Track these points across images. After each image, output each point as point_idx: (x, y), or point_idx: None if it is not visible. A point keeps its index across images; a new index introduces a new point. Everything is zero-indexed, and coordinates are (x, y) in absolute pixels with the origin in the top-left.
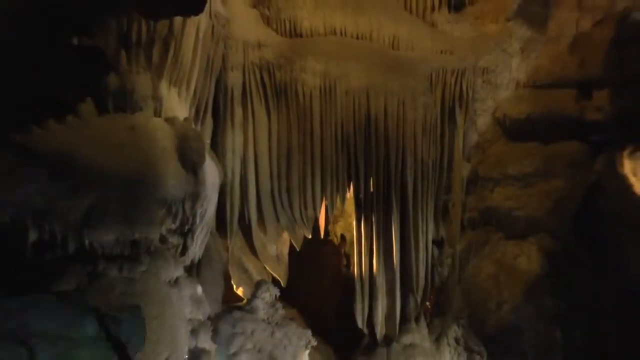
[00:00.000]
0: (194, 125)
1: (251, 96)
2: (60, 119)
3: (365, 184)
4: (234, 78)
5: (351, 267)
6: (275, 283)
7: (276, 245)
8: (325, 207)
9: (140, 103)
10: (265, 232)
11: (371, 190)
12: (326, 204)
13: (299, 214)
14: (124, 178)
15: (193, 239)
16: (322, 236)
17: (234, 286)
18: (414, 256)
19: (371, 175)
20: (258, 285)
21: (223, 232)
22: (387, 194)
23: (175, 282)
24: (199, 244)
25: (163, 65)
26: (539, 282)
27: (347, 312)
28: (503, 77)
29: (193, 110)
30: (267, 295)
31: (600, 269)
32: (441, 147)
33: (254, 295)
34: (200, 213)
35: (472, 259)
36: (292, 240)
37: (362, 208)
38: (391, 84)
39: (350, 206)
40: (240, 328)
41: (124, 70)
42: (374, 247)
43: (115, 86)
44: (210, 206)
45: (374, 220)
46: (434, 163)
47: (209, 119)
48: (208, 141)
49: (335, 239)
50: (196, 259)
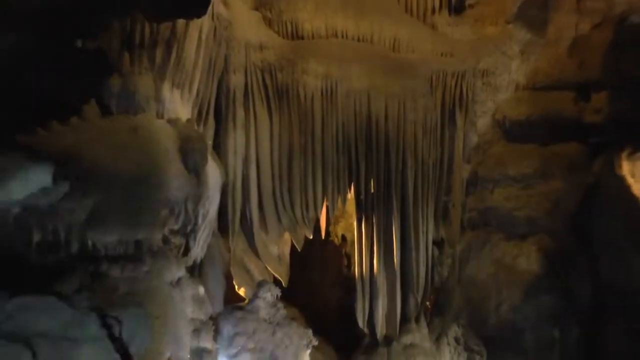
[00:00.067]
0: (196, 127)
1: (253, 97)
2: (64, 120)
3: (366, 185)
4: (236, 79)
5: (352, 268)
6: (277, 283)
7: (278, 246)
8: (326, 208)
9: (143, 104)
10: (266, 233)
11: (372, 191)
12: (327, 204)
13: (300, 215)
14: (127, 179)
15: (195, 239)
16: (323, 237)
17: (236, 286)
18: (414, 256)
19: (372, 176)
20: (260, 285)
21: (225, 233)
22: (388, 194)
23: (178, 282)
24: (201, 244)
25: (166, 67)
26: (538, 282)
27: (348, 312)
28: (503, 79)
29: (195, 111)
30: (269, 295)
31: (598, 269)
32: (441, 149)
33: (256, 295)
34: (203, 214)
35: (472, 259)
36: (294, 240)
37: (363, 209)
38: (392, 86)
39: (351, 207)
40: (241, 328)
41: (127, 72)
42: (375, 248)
43: (118, 88)
44: (212, 207)
45: (374, 220)
46: (434, 164)
47: (211, 120)
48: (210, 142)
49: (336, 239)
50: (198, 259)
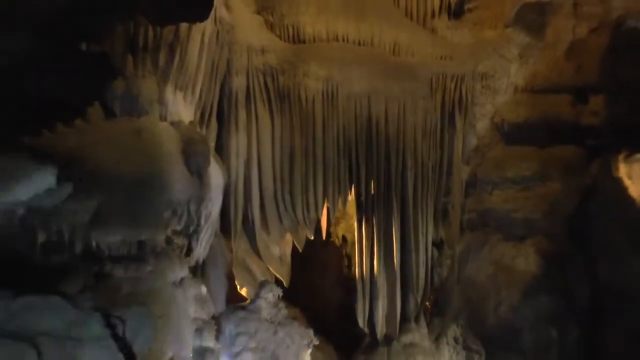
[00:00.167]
0: (199, 129)
1: (255, 100)
2: (68, 123)
3: (366, 187)
4: (238, 82)
5: (352, 268)
6: (278, 283)
7: (279, 246)
8: (327, 209)
9: (147, 107)
10: (268, 234)
11: (372, 192)
12: (328, 206)
13: (301, 216)
14: (130, 180)
15: (198, 240)
16: (324, 237)
17: (238, 286)
18: (414, 257)
19: (372, 178)
20: (261, 286)
21: (227, 234)
22: (388, 196)
23: (181, 282)
24: (203, 245)
25: (169, 70)
26: (537, 283)
27: (349, 312)
28: (501, 82)
29: (198, 113)
30: (270, 295)
31: (597, 271)
32: (441, 151)
33: (257, 295)
34: (205, 215)
35: (471, 260)
36: (295, 241)
37: (363, 210)
38: (392, 89)
39: (351, 208)
40: (243, 327)
41: (131, 75)
42: (375, 249)
43: (122, 91)
44: (214, 208)
45: (374, 222)
46: (434, 166)
47: (213, 123)
48: (213, 144)
49: (336, 240)
50: (201, 260)
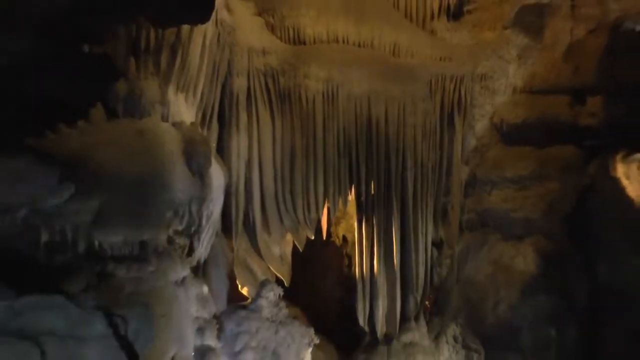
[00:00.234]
0: (200, 130)
1: (256, 101)
2: (71, 124)
3: (366, 187)
4: (239, 84)
5: (353, 268)
6: (279, 283)
7: (280, 246)
8: (328, 209)
9: (149, 108)
10: (269, 233)
11: (372, 192)
12: (328, 206)
13: (302, 216)
14: (133, 181)
15: (199, 240)
16: (325, 237)
17: (239, 286)
18: (413, 257)
19: (372, 178)
20: (262, 285)
21: (228, 233)
22: (388, 196)
23: (182, 282)
24: (205, 244)
25: (171, 71)
26: (535, 282)
27: (349, 311)
28: (500, 83)
29: (199, 114)
30: (271, 295)
31: (595, 270)
32: (440, 151)
33: (259, 295)
34: (207, 215)
35: (470, 260)
36: (296, 241)
37: (364, 210)
38: (392, 90)
39: (351, 208)
40: (245, 326)
41: (133, 77)
42: (375, 248)
43: (124, 92)
44: (216, 208)
45: (374, 222)
46: (434, 166)
47: (214, 124)
48: (214, 145)
49: (337, 240)
50: (202, 259)
